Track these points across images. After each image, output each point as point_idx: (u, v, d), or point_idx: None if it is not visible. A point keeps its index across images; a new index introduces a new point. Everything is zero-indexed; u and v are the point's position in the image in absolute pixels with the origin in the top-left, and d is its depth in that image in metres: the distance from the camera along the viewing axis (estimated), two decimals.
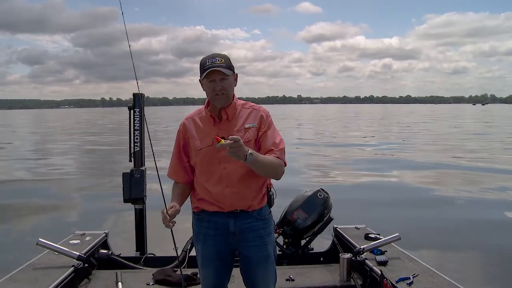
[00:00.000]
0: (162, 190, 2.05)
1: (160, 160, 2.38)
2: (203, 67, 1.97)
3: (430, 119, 46.92)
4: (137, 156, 3.93)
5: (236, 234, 2.01)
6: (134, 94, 3.91)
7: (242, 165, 1.92)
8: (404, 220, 6.44)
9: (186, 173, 2.11)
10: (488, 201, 8.26)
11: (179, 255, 3.42)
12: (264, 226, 2.06)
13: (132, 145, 3.93)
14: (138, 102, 3.92)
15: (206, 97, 2.05)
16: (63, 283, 2.71)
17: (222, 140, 1.74)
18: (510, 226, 6.44)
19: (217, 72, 1.94)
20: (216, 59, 1.95)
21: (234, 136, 1.76)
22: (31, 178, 11.13)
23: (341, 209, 4.20)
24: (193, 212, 2.14)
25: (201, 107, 2.13)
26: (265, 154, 1.96)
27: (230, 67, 1.99)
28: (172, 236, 2.07)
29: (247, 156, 1.78)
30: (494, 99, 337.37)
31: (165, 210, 1.91)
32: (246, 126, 2.01)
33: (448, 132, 25.99)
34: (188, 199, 2.16)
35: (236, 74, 2.05)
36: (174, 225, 1.93)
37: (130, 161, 3.95)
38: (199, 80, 2.03)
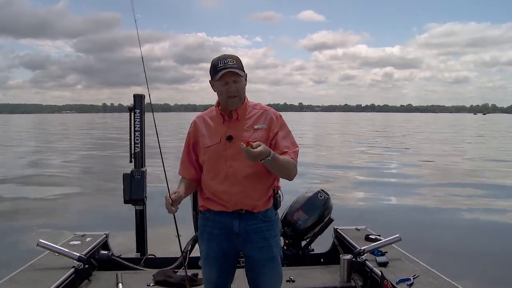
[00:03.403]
0: (169, 190, 1.99)
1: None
2: (215, 68, 1.94)
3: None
4: (138, 157, 3.94)
5: (241, 235, 2.00)
6: (134, 95, 3.92)
7: (249, 165, 1.92)
8: (404, 221, 6.44)
9: (195, 170, 2.11)
10: (492, 202, 8.27)
11: (179, 256, 3.42)
12: (269, 228, 2.04)
13: (132, 146, 3.94)
14: (138, 103, 3.93)
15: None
16: (63, 284, 2.70)
17: (249, 146, 1.75)
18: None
19: (231, 74, 1.92)
20: (228, 60, 1.93)
21: (257, 142, 1.78)
22: (31, 178, 11.13)
23: (342, 210, 4.20)
24: (199, 211, 2.14)
25: (213, 107, 2.12)
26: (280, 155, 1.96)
27: (242, 68, 1.97)
28: (179, 242, 2.08)
29: (268, 157, 1.80)
30: (495, 109, 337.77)
31: (168, 195, 1.88)
32: (256, 127, 2.00)
33: None
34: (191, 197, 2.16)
35: (246, 74, 2.03)
36: (176, 211, 1.90)
37: (131, 162, 3.95)
38: (210, 81, 2.02)
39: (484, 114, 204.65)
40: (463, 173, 11.86)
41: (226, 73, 1.92)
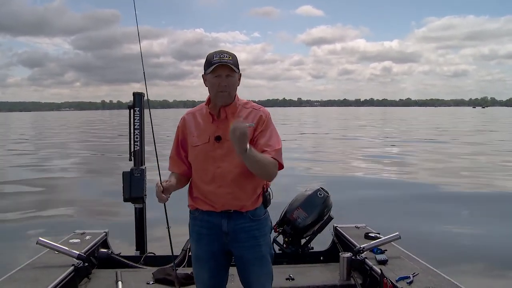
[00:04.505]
0: (160, 179, 1.98)
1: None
2: (209, 61, 1.92)
3: None
4: (137, 155, 3.93)
5: (229, 234, 1.98)
6: (134, 94, 3.92)
7: (237, 165, 1.89)
8: (404, 219, 6.44)
9: (186, 166, 2.08)
10: (491, 197, 8.27)
11: (178, 254, 3.43)
12: (258, 226, 2.02)
13: (132, 144, 3.94)
14: (138, 102, 3.93)
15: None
16: (63, 282, 2.71)
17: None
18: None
19: (224, 68, 1.90)
20: (224, 55, 1.91)
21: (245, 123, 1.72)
22: (31, 177, 11.12)
23: (341, 208, 4.20)
24: (189, 210, 2.12)
25: (203, 103, 2.09)
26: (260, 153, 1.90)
27: (237, 66, 1.95)
28: (169, 235, 2.07)
29: (247, 149, 1.72)
30: (494, 102, 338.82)
31: (159, 182, 1.87)
32: None
33: None
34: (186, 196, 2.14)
35: (240, 74, 2.01)
36: (167, 200, 1.89)
37: (130, 160, 3.95)
38: (203, 75, 2.00)
39: (483, 107, 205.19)
40: (464, 171, 11.86)
41: (220, 66, 1.89)
